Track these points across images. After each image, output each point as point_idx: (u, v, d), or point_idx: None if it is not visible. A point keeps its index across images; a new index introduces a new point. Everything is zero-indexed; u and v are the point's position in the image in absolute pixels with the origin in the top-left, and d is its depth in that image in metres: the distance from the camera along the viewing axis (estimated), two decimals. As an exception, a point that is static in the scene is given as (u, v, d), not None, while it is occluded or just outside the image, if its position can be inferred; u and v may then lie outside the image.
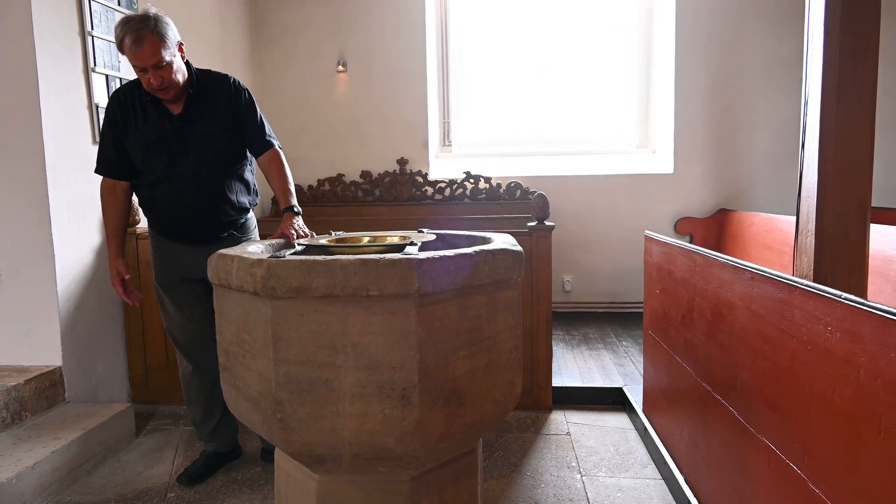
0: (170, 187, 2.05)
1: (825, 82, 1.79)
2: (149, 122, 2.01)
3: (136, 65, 1.89)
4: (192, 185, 2.05)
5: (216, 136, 2.06)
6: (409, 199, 4.57)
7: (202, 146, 2.05)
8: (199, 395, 2.29)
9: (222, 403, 2.23)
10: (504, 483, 2.21)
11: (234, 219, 2.19)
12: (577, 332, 4.12)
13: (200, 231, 2.13)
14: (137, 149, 2.03)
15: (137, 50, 1.85)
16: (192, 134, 2.03)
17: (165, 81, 1.91)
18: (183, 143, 2.03)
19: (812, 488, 1.19)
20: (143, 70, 1.90)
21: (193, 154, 2.04)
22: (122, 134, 2.03)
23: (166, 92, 1.95)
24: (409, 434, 1.21)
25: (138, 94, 2.03)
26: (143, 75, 1.92)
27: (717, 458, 1.75)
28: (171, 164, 2.03)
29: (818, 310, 1.17)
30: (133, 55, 1.87)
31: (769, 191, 4.44)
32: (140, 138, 2.02)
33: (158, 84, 1.91)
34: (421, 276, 1.16)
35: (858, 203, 1.80)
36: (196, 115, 2.04)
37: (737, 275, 1.60)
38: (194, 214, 2.09)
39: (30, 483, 2.04)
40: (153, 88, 1.93)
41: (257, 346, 1.26)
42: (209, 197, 2.09)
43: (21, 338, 2.56)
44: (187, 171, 2.04)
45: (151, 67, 1.88)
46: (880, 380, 0.99)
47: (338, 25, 4.62)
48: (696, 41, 4.40)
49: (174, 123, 2.02)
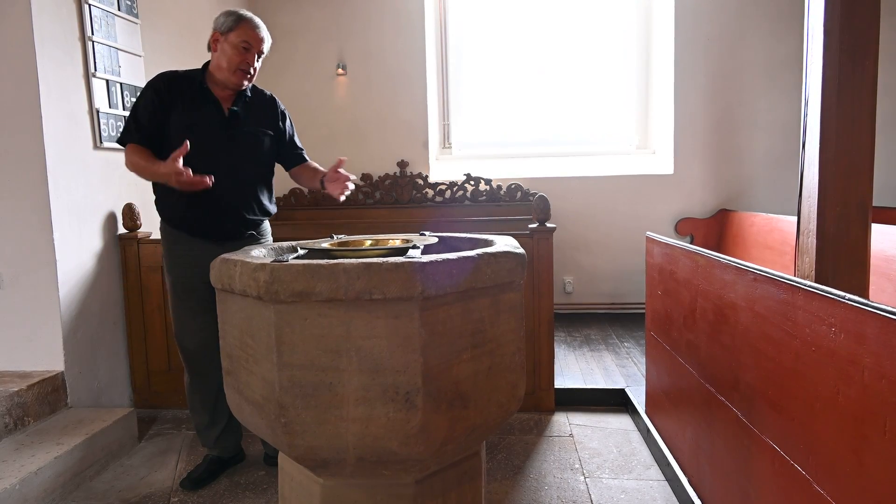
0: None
1: (825, 82, 1.79)
2: (197, 108, 2.09)
3: (246, 41, 2.05)
4: (229, 178, 2.10)
5: (260, 138, 2.19)
6: (409, 201, 4.57)
7: (246, 143, 2.15)
8: (203, 403, 2.27)
9: (227, 410, 2.22)
10: (507, 485, 2.21)
11: (258, 219, 2.25)
12: (578, 333, 4.11)
13: (229, 225, 2.15)
14: (179, 130, 2.05)
15: (256, 30, 2.07)
16: (240, 130, 2.14)
17: (254, 70, 2.11)
18: (230, 136, 2.12)
19: (817, 489, 1.19)
20: (246, 49, 2.06)
21: (236, 148, 2.13)
22: (166, 110, 2.07)
23: (243, 76, 2.09)
24: (413, 437, 1.21)
25: (190, 81, 2.12)
26: (243, 54, 2.06)
27: (721, 460, 1.74)
28: (214, 153, 2.08)
29: (822, 310, 1.17)
30: (252, 34, 2.06)
31: (769, 191, 4.44)
32: (184, 120, 2.06)
33: (250, 65, 2.08)
34: (424, 279, 1.16)
35: (859, 203, 1.80)
36: (245, 114, 2.16)
37: (739, 276, 1.60)
38: (226, 207, 2.12)
39: (33, 489, 2.03)
40: (245, 67, 2.07)
41: (261, 351, 1.26)
42: (242, 192, 2.16)
43: (23, 343, 2.55)
44: (228, 162, 2.10)
45: (256, 50, 2.08)
46: (885, 380, 0.99)
47: (337, 28, 4.63)
48: (696, 42, 4.40)
49: (224, 115, 2.12)
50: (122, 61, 2.96)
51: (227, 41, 2.06)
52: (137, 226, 2.91)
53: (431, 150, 4.74)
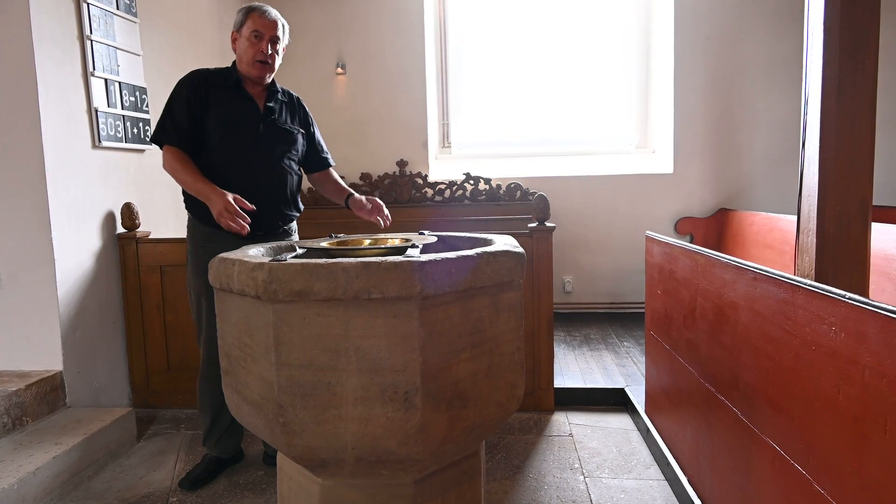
0: (245, 169, 2.11)
1: (825, 81, 1.79)
2: (233, 104, 2.12)
3: (258, 29, 2.07)
4: (266, 171, 2.14)
5: (294, 134, 2.24)
6: (409, 200, 4.57)
7: (282, 138, 2.19)
8: (212, 405, 2.24)
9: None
10: (507, 485, 2.21)
11: (293, 214, 2.28)
12: (578, 332, 4.11)
13: (267, 218, 2.16)
14: (217, 125, 2.09)
15: (265, 16, 2.08)
16: (275, 124, 2.18)
17: (272, 57, 2.11)
18: (267, 130, 2.15)
19: (817, 489, 1.19)
20: (258, 38, 2.07)
21: (273, 142, 2.16)
22: (204, 107, 2.09)
23: (265, 68, 2.11)
24: (412, 437, 1.21)
25: (223, 78, 2.14)
26: (257, 42, 2.08)
27: (721, 459, 1.74)
28: (251, 146, 2.11)
29: (822, 310, 1.17)
30: (260, 21, 2.08)
31: (769, 190, 4.44)
32: (222, 115, 2.10)
33: (266, 54, 2.09)
34: (423, 278, 1.16)
35: (859, 202, 1.80)
36: (278, 110, 2.20)
37: (739, 275, 1.60)
38: (265, 200, 2.13)
39: (31, 489, 2.03)
40: (260, 57, 2.08)
41: (259, 350, 1.26)
42: (280, 185, 2.19)
43: (22, 342, 2.55)
44: (265, 155, 2.14)
45: (269, 37, 2.09)
46: (886, 380, 0.99)
47: (336, 27, 4.62)
48: (695, 41, 4.40)
49: (260, 111, 2.15)
50: (121, 60, 2.95)
51: (242, 36, 2.11)
52: (136, 225, 2.91)
53: (431, 149, 4.73)
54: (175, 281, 2.94)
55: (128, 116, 2.98)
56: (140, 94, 3.09)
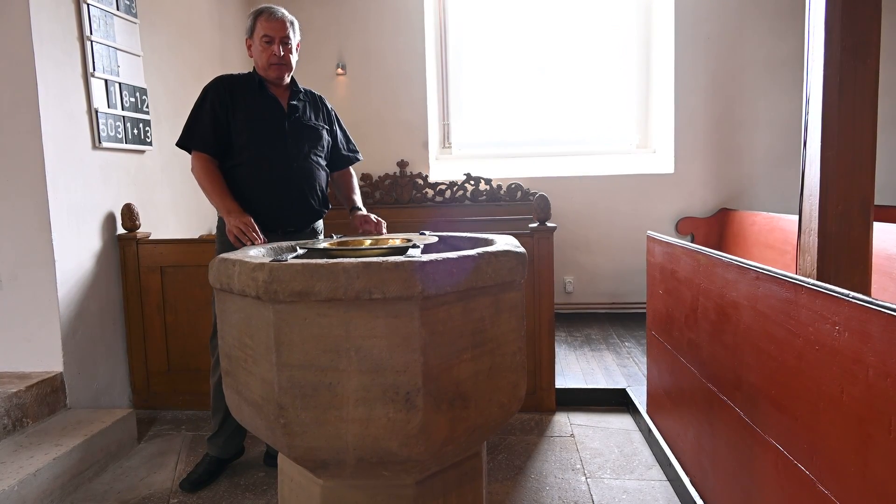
0: (274, 168, 2.13)
1: (826, 80, 1.78)
2: (258, 105, 2.15)
3: (268, 33, 2.10)
4: (294, 167, 2.16)
5: (319, 131, 2.26)
6: (409, 201, 4.56)
7: (307, 135, 2.21)
8: (223, 406, 2.23)
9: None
10: (508, 486, 2.20)
11: (319, 212, 2.29)
12: (579, 333, 4.11)
13: (297, 214, 2.19)
14: (244, 126, 2.12)
15: (273, 19, 2.10)
16: (300, 122, 2.21)
17: (286, 58, 2.14)
18: (293, 127, 2.18)
19: (821, 489, 1.18)
20: (270, 41, 2.10)
21: (299, 139, 2.18)
22: (230, 111, 2.12)
23: (281, 69, 2.14)
24: (413, 438, 1.20)
25: (247, 81, 2.18)
26: (268, 47, 2.11)
27: (724, 460, 1.73)
28: (279, 145, 2.14)
29: (825, 309, 1.16)
30: (268, 24, 2.10)
31: (770, 190, 4.43)
32: (248, 115, 2.13)
33: (279, 56, 2.11)
34: (424, 278, 1.15)
35: (861, 201, 1.80)
36: (302, 107, 2.23)
37: (741, 274, 1.59)
38: (295, 195, 2.16)
39: (32, 490, 2.02)
40: (274, 60, 2.11)
41: (259, 351, 1.25)
42: (308, 181, 2.20)
43: (22, 344, 2.55)
44: (292, 152, 2.16)
45: (279, 39, 2.10)
46: (889, 379, 0.98)
47: (337, 28, 4.62)
48: (696, 40, 4.39)
49: (284, 109, 2.18)
50: (121, 61, 2.95)
51: (254, 41, 2.14)
52: (136, 226, 2.90)
53: (431, 149, 4.73)
54: (175, 282, 2.93)
55: (128, 117, 2.98)
56: (140, 95, 3.09)
